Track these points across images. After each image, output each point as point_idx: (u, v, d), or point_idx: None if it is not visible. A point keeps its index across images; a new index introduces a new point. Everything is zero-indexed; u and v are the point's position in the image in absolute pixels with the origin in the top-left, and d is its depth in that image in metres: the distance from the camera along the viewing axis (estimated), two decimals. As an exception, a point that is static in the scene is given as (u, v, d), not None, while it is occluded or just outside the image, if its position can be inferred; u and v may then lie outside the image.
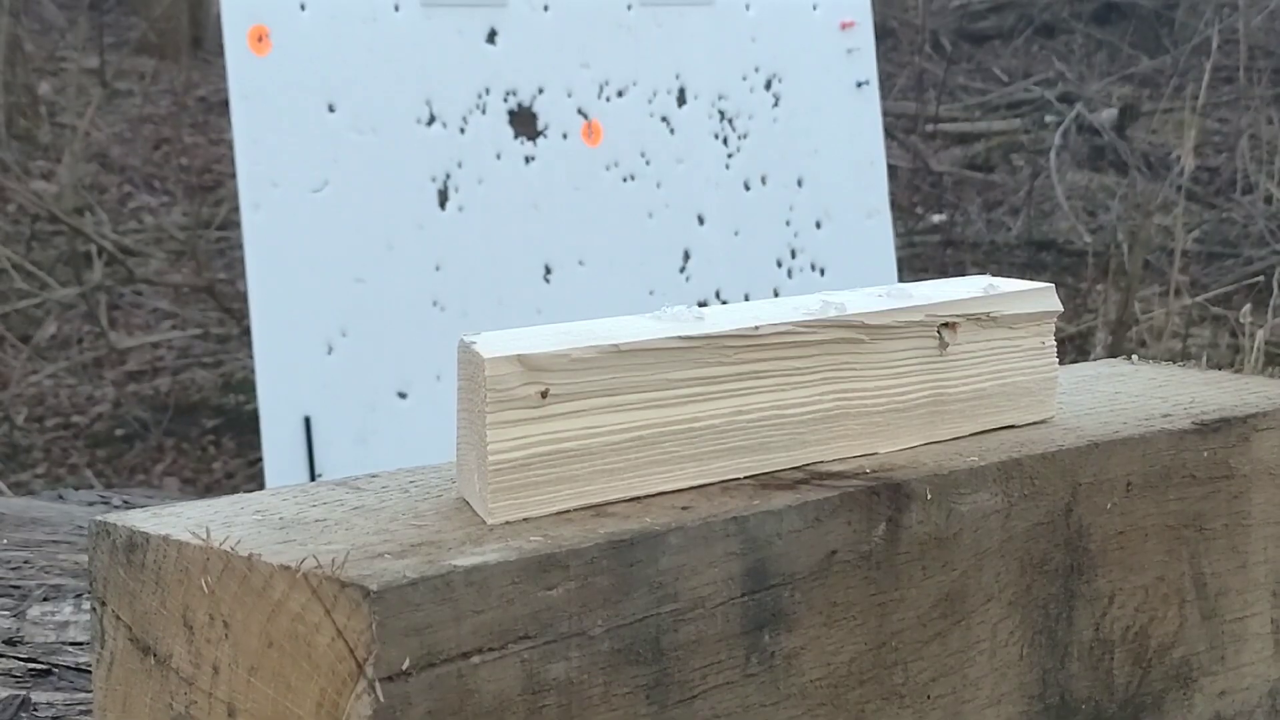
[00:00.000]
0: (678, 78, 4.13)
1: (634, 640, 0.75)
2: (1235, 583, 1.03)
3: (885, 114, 4.73)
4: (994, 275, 1.01)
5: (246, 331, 3.85)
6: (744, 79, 4.24)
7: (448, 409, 0.83)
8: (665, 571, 0.76)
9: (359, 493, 0.82)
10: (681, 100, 4.14)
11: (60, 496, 2.24)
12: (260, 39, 3.54)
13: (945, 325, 0.93)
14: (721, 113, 4.20)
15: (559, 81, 3.94)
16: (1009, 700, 0.91)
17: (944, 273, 6.33)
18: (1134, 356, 1.22)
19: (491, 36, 3.87)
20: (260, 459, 3.61)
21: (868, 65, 4.43)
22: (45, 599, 1.43)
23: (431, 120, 3.76)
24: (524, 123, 3.90)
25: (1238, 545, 1.03)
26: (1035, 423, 0.98)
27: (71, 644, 1.34)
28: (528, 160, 3.90)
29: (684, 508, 0.80)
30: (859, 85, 4.40)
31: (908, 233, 6.81)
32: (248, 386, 4.83)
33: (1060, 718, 0.94)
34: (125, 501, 2.14)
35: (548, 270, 3.91)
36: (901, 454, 0.91)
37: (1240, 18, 7.53)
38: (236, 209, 3.70)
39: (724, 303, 3.91)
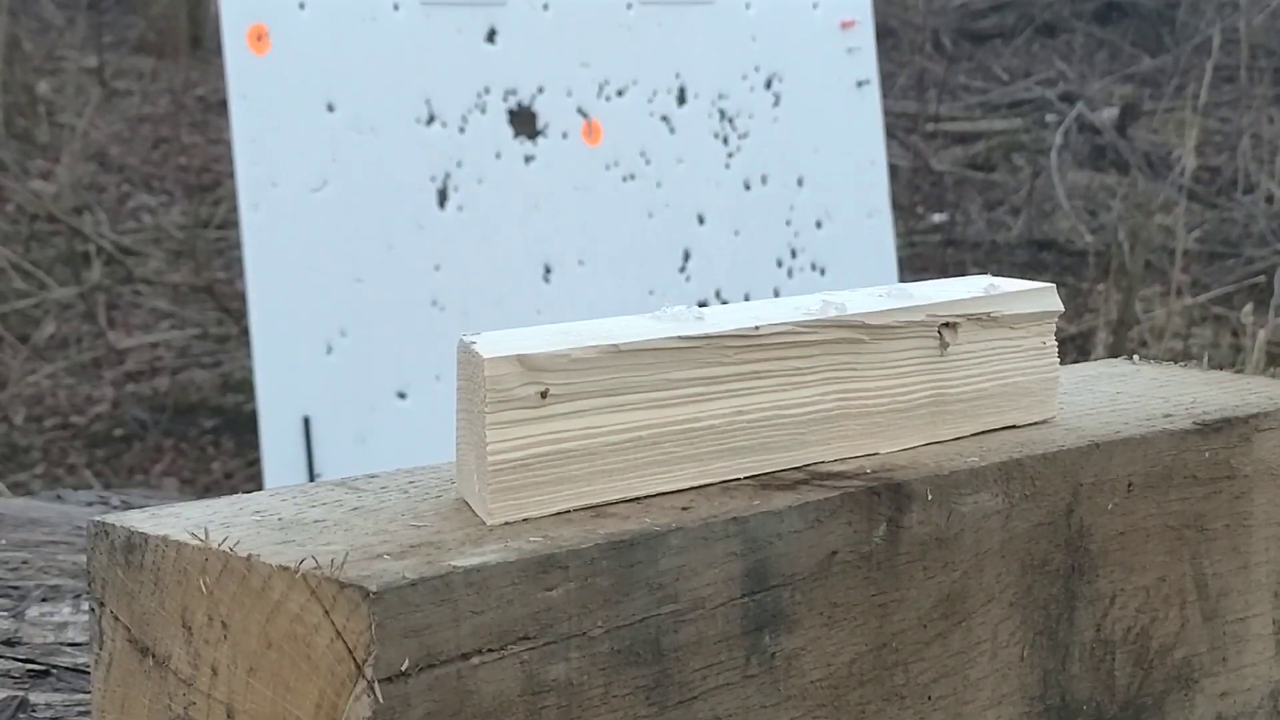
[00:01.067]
0: (678, 77, 4.13)
1: (634, 641, 0.75)
2: (1237, 583, 1.02)
3: (886, 113, 4.73)
4: (995, 275, 1.00)
5: (245, 331, 3.85)
6: (744, 78, 4.24)
7: (447, 409, 0.83)
8: (665, 572, 0.76)
9: (358, 493, 0.82)
10: (681, 100, 4.14)
11: (59, 497, 2.23)
12: (259, 38, 3.54)
13: (946, 325, 0.93)
14: (721, 112, 4.20)
15: (559, 81, 3.94)
16: (1010, 701, 0.91)
17: (944, 273, 6.33)
18: (1135, 356, 1.21)
19: (491, 36, 3.87)
20: (259, 459, 3.61)
21: (868, 64, 4.43)
22: (44, 600, 1.43)
23: (431, 120, 3.76)
24: (524, 122, 3.90)
25: (1239, 546, 1.02)
26: (1036, 423, 0.98)
27: (70, 645, 1.33)
28: (527, 160, 3.90)
29: (684, 508, 0.80)
30: (859, 84, 4.40)
31: (908, 232, 6.80)
32: (247, 386, 4.83)
33: (1061, 719, 0.94)
34: (124, 502, 2.14)
35: (547, 270, 3.91)
36: (902, 454, 0.90)
37: (1241, 17, 7.53)
38: (235, 209, 3.70)
39: (724, 303, 3.91)
